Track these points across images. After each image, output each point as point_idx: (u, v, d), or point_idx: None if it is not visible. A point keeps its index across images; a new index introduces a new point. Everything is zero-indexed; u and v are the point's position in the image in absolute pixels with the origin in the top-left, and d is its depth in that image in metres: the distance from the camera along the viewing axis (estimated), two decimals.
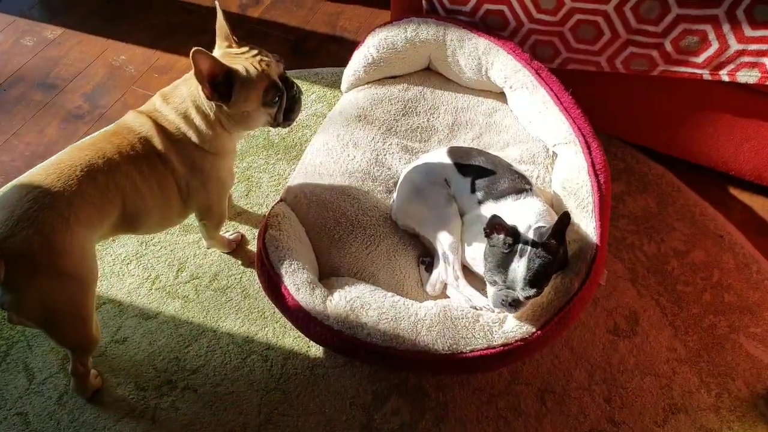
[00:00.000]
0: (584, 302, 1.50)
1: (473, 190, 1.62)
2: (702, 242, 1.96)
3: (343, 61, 2.09)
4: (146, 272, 1.82)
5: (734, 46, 1.69)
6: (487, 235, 1.40)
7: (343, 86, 2.14)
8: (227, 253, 1.86)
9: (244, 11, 2.65)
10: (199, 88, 1.41)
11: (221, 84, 1.38)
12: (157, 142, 1.44)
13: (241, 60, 1.44)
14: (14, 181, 1.31)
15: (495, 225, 1.35)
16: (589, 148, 1.67)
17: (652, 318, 1.79)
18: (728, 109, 1.91)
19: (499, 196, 1.58)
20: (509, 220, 1.37)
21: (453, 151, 1.72)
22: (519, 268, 1.33)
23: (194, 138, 1.47)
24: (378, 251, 1.65)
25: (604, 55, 1.88)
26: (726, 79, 1.76)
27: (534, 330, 1.43)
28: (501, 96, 2.04)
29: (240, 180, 2.04)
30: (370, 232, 1.68)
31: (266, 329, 1.72)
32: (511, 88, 1.89)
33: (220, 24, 1.48)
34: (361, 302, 1.45)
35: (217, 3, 1.45)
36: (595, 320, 1.78)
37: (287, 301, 1.43)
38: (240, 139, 1.62)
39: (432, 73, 2.12)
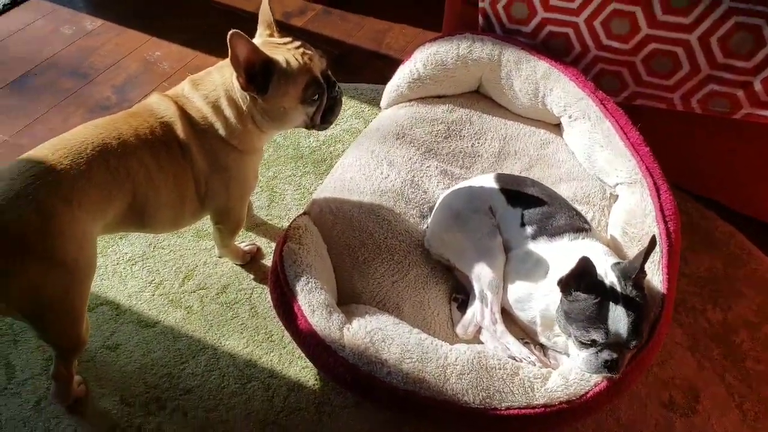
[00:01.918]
0: (643, 367, 1.29)
1: (523, 224, 1.43)
2: None
3: (385, 79, 1.96)
4: (150, 276, 1.67)
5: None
6: (565, 289, 1.20)
7: (383, 102, 2.00)
8: (240, 266, 1.69)
9: (287, 20, 2.57)
10: (234, 76, 1.28)
11: (258, 74, 1.25)
12: (180, 130, 1.30)
13: (282, 50, 1.30)
14: (22, 156, 1.18)
15: (579, 274, 1.16)
16: (657, 190, 1.48)
17: (715, 396, 1.55)
18: None
19: (554, 233, 1.39)
20: (569, 264, 1.18)
21: (501, 178, 1.55)
22: (620, 317, 1.15)
23: (222, 130, 1.33)
24: (405, 281, 1.47)
25: (679, 92, 1.70)
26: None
27: (583, 392, 1.22)
28: (555, 128, 1.87)
29: (263, 189, 1.89)
30: (398, 258, 1.50)
31: (272, 354, 1.53)
32: (570, 117, 1.72)
33: (264, 10, 1.35)
34: (382, 335, 1.25)
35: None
36: (647, 390, 1.54)
37: (299, 322, 1.25)
38: (270, 139, 1.48)
39: (481, 97, 1.97)
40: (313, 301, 1.27)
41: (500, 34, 1.87)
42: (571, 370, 1.25)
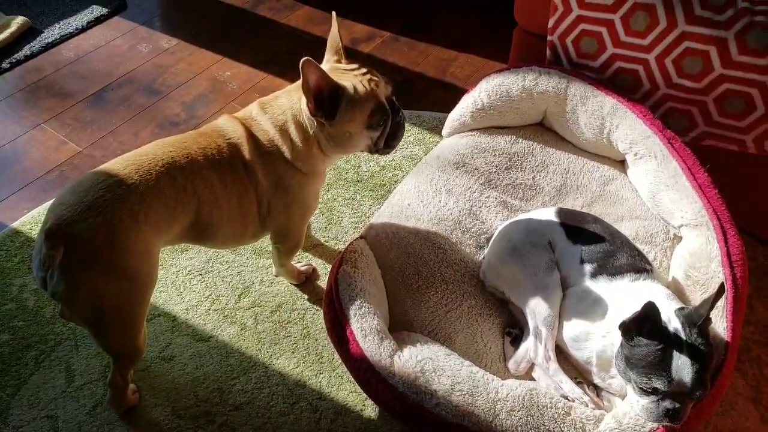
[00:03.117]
0: (703, 417, 1.26)
1: (582, 261, 1.43)
2: None
3: (448, 108, 2.01)
4: (208, 290, 1.75)
5: None
6: (626, 333, 1.20)
7: (445, 130, 2.04)
8: (295, 285, 1.75)
9: (355, 45, 2.65)
10: (303, 101, 1.34)
11: (327, 100, 1.31)
12: (246, 151, 1.37)
13: (350, 77, 1.36)
14: (95, 168, 1.27)
15: (643, 319, 1.16)
16: (725, 234, 1.45)
17: None
18: None
19: (614, 273, 1.38)
20: (629, 305, 1.18)
21: (562, 212, 1.55)
22: (683, 366, 1.14)
23: (287, 153, 1.39)
24: (458, 311, 1.48)
25: (752, 134, 1.67)
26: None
27: None
28: (620, 165, 1.86)
29: (322, 211, 1.96)
30: (453, 288, 1.52)
31: (321, 376, 1.57)
32: (635, 155, 1.71)
33: (334, 35, 1.42)
34: (433, 366, 1.28)
35: (333, 13, 1.40)
36: None
37: (351, 347, 1.29)
38: (334, 163, 1.54)
39: (545, 130, 1.98)
40: (365, 326, 1.31)
41: (568, 67, 1.88)
42: (625, 414, 1.24)
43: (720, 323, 1.33)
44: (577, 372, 1.41)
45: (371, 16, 2.78)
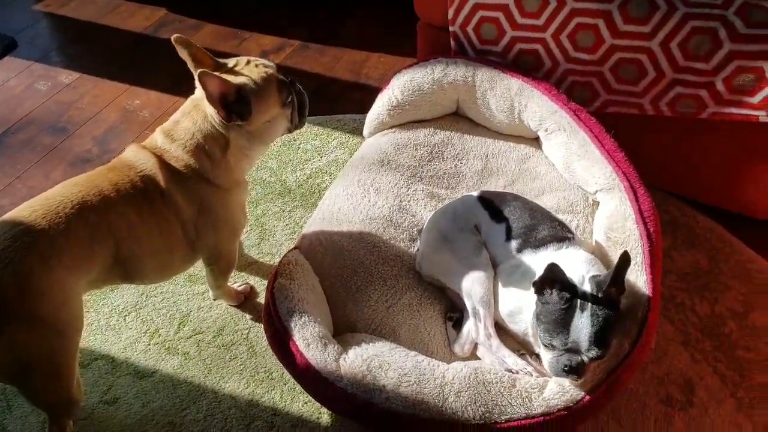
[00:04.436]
0: (636, 366, 1.35)
1: (508, 238, 1.50)
2: (763, 302, 1.80)
3: (366, 108, 2.05)
4: (145, 325, 1.72)
5: None
6: (539, 291, 1.27)
7: (366, 131, 2.08)
8: (235, 306, 1.75)
9: (265, 58, 2.65)
10: (209, 115, 1.35)
11: (234, 103, 1.32)
12: (162, 180, 1.36)
13: (239, 73, 1.38)
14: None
15: (548, 278, 1.24)
16: (635, 194, 1.55)
17: (710, 387, 1.61)
18: None
19: (538, 244, 1.46)
20: None
21: (485, 195, 1.62)
22: (582, 325, 1.21)
23: (207, 173, 1.39)
24: (399, 305, 1.53)
25: (648, 97, 1.79)
26: None
27: (580, 397, 1.28)
28: (535, 142, 1.96)
29: (252, 227, 1.96)
30: (391, 283, 1.56)
31: (273, 392, 1.58)
32: (546, 131, 1.80)
33: (193, 54, 1.38)
34: (379, 362, 1.31)
35: (172, 39, 1.38)
36: (644, 388, 1.61)
37: (296, 358, 1.31)
38: (252, 166, 1.54)
39: (460, 118, 2.06)
40: (307, 335, 1.33)
41: (472, 55, 1.96)
42: (566, 380, 1.31)
43: (641, 278, 1.42)
44: (519, 344, 1.48)
45: (278, 26, 2.79)
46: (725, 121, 1.74)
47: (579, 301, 1.24)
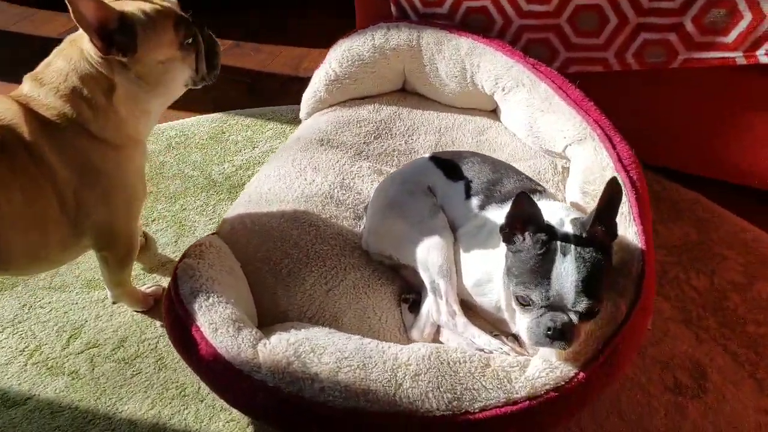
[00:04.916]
0: (637, 334, 1.09)
1: (468, 196, 1.25)
2: (765, 272, 1.56)
3: None
4: (23, 342, 1.36)
5: None
6: (507, 238, 1.02)
7: (303, 113, 1.84)
8: (141, 312, 1.42)
9: None
10: (87, 51, 1.09)
11: (116, 34, 1.06)
12: (26, 132, 1.07)
13: (127, 3, 1.12)
14: None
15: (517, 215, 0.99)
16: (611, 141, 1.33)
17: (723, 369, 1.35)
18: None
19: (504, 199, 1.21)
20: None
21: (438, 155, 1.38)
22: (566, 272, 0.95)
23: (90, 124, 1.11)
24: (342, 287, 1.24)
25: (612, 49, 1.60)
26: (765, 60, 1.47)
27: (573, 373, 1.00)
28: (492, 114, 1.74)
29: (169, 224, 1.66)
30: (332, 263, 1.28)
31: (186, 411, 1.24)
32: (503, 90, 1.59)
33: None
34: (311, 345, 1.01)
35: None
36: (647, 376, 1.33)
37: (199, 348, 1.00)
38: (153, 123, 1.25)
39: (408, 94, 1.84)
40: (215, 318, 1.02)
41: (416, 20, 1.75)
42: (553, 352, 1.03)
43: (630, 229, 1.18)
44: (491, 325, 1.20)
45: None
46: (700, 68, 1.55)
47: (559, 243, 0.98)
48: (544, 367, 1.00)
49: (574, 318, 0.96)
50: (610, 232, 1.02)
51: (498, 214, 1.18)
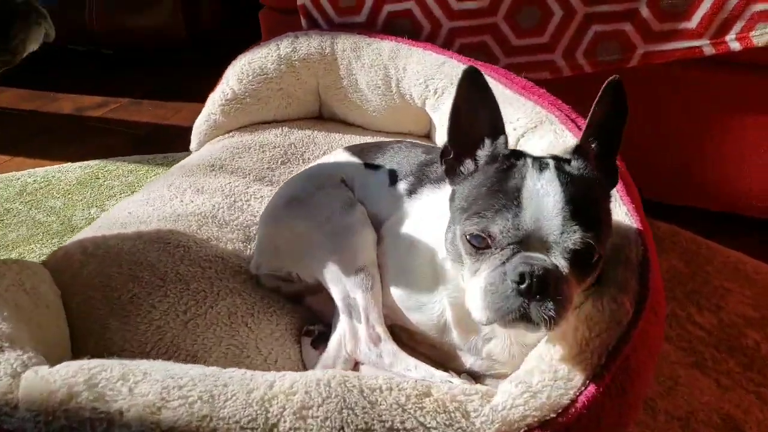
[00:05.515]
0: (651, 343, 0.74)
1: (393, 183, 0.91)
2: None
3: None
4: None
5: None
6: (451, 166, 0.72)
7: (193, 144, 1.52)
8: None
9: (81, 113, 2.10)
10: None
11: None
12: None
13: None
14: None
15: (466, 109, 0.70)
16: (575, 123, 1.05)
17: (764, 424, 0.98)
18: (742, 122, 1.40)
19: (441, 178, 0.87)
20: None
21: (355, 147, 1.07)
22: (544, 189, 0.63)
23: None
24: (209, 317, 0.86)
25: (559, 48, 1.39)
26: (736, 46, 1.28)
27: (567, 399, 0.62)
28: (426, 140, 1.46)
29: None
30: (199, 286, 0.91)
31: None
32: (436, 94, 1.31)
33: None
34: (122, 370, 0.59)
35: None
36: None
37: None
38: None
39: (325, 121, 1.55)
40: None
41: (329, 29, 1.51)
42: (533, 371, 0.65)
43: (619, 211, 0.86)
44: (433, 362, 0.81)
45: (103, 89, 2.29)
46: (664, 66, 1.34)
47: (530, 159, 0.66)
48: (520, 392, 0.62)
49: (563, 264, 0.60)
50: (608, 164, 0.70)
51: (434, 199, 0.84)
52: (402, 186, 0.90)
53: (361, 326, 0.79)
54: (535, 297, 0.58)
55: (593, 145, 0.69)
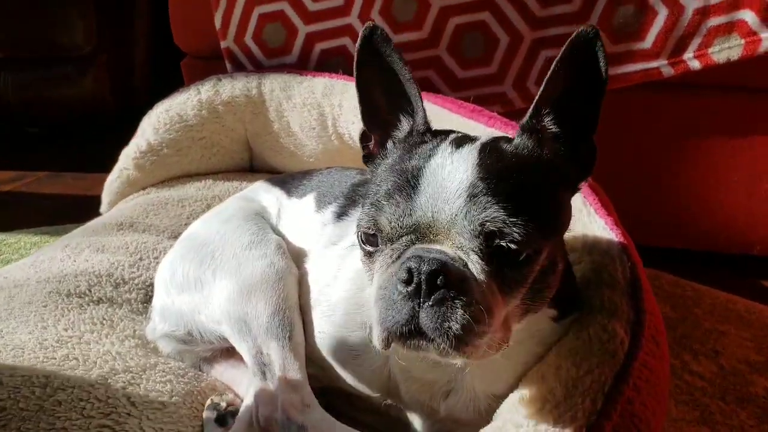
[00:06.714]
0: (658, 377, 0.58)
1: (321, 206, 0.76)
2: None
3: None
4: None
5: (691, 4, 1.18)
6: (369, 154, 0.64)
7: (103, 205, 1.35)
8: None
9: None
10: None
11: None
12: None
13: None
14: None
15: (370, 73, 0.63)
16: None
17: None
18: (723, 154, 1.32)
19: None
20: None
21: (275, 177, 0.93)
22: (452, 166, 0.51)
23: None
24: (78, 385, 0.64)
25: (509, 78, 1.30)
26: (695, 65, 1.21)
27: None
28: None
29: None
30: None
31: None
32: None
33: None
34: None
35: None
36: None
37: None
38: None
39: (257, 174, 1.41)
40: None
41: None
42: (505, 427, 0.48)
43: (595, 223, 0.73)
44: (373, 425, 0.63)
45: (20, 163, 2.14)
46: (623, 88, 1.26)
47: (452, 137, 0.57)
48: None
49: (473, 259, 0.45)
50: (577, 147, 0.57)
51: None
52: (330, 210, 0.76)
53: (277, 389, 0.61)
54: (428, 300, 0.43)
55: (549, 122, 0.55)
